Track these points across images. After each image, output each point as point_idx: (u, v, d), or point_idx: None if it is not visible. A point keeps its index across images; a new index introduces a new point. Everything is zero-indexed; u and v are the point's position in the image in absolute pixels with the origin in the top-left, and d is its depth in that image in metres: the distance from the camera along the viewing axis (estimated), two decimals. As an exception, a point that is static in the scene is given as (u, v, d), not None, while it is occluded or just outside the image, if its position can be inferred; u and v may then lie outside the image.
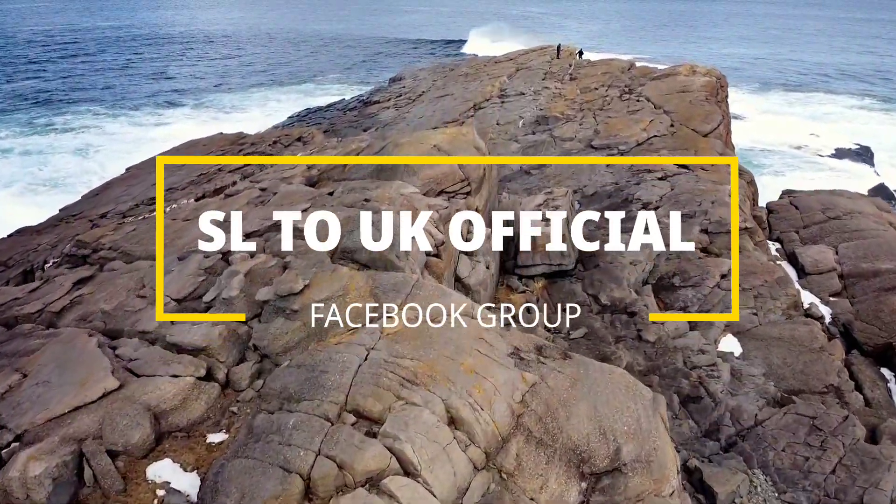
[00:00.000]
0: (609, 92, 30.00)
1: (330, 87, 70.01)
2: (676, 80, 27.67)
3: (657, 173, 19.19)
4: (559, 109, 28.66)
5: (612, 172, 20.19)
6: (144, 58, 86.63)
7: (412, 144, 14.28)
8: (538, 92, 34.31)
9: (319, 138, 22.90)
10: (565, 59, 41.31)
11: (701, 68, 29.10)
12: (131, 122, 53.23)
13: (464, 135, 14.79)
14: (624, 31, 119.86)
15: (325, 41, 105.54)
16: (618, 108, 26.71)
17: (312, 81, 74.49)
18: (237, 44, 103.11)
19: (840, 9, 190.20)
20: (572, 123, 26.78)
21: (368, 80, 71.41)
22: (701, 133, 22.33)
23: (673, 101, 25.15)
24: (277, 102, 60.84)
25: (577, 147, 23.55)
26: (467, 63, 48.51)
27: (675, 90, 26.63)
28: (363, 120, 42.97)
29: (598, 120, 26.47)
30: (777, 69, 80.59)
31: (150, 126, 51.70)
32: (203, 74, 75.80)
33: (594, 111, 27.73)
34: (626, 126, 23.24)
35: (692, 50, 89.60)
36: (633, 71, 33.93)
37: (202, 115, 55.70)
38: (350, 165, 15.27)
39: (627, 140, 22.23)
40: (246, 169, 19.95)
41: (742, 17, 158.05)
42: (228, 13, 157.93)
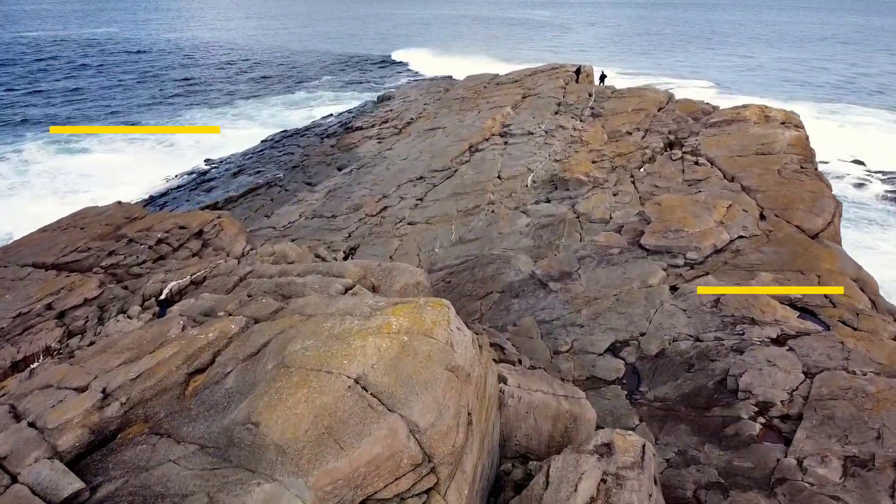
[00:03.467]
0: (649, 141, 21.76)
1: (321, 96, 61.87)
2: (748, 134, 19.39)
3: (768, 326, 11.06)
4: (582, 167, 20.46)
5: (687, 311, 12.05)
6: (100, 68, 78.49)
7: (310, 369, 6.21)
8: (551, 132, 26.14)
9: (231, 232, 14.77)
10: (583, 85, 33.04)
11: (776, 112, 20.83)
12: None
13: (427, 331, 6.71)
14: (630, 40, 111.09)
15: (315, 43, 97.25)
16: (669, 175, 18.49)
17: (300, 89, 66.40)
18: (214, 51, 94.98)
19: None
20: (603, 193, 18.60)
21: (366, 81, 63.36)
22: (809, 232, 14.16)
23: (754, 171, 16.90)
24: (249, 120, 52.59)
25: (615, 242, 15.38)
26: (464, 84, 40.28)
27: (751, 149, 18.38)
28: (340, 154, 34.89)
29: (640, 190, 18.28)
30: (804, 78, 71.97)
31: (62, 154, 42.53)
32: (168, 89, 67.57)
33: (633, 174, 19.55)
34: (690, 212, 15.08)
35: (707, 60, 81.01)
36: (674, 107, 25.67)
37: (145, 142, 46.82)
38: (192, 393, 7.17)
39: (698, 241, 14.05)
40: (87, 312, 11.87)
41: (749, 25, 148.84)
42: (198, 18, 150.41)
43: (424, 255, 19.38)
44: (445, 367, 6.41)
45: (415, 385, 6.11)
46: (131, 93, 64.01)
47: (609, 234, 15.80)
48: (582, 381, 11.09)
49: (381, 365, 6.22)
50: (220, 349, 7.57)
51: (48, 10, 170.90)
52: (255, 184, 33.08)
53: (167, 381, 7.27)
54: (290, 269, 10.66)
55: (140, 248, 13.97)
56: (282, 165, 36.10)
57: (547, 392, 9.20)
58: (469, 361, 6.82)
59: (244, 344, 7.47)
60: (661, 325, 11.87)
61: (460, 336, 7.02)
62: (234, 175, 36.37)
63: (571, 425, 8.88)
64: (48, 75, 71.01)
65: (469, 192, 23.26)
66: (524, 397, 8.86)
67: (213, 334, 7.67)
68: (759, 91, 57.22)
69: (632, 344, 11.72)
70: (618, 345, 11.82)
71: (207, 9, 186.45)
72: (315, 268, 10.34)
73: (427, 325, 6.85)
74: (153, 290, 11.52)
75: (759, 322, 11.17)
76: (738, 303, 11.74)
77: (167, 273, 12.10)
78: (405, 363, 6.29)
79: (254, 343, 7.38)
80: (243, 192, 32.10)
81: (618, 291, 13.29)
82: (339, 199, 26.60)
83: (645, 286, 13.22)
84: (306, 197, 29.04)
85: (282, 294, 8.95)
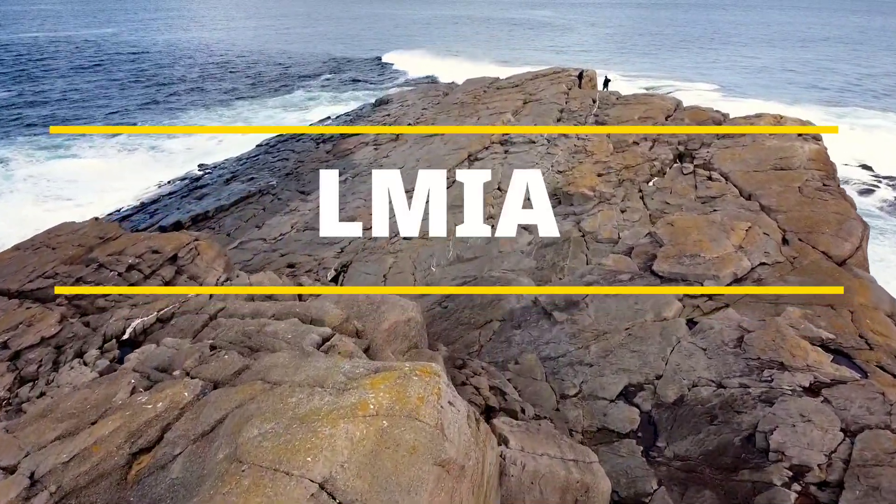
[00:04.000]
0: (658, 152, 20.54)
1: (318, 96, 60.76)
2: (764, 147, 18.15)
3: (799, 372, 9.85)
4: (587, 181, 19.26)
5: (707, 350, 10.85)
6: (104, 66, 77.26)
7: (266, 467, 5.01)
8: (553, 141, 24.93)
9: (208, 257, 13.58)
10: (587, 90, 31.83)
11: (793, 123, 19.59)
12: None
13: (412, 412, 5.49)
14: (632, 41, 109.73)
15: (315, 39, 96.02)
16: (680, 190, 17.28)
17: (298, 88, 65.30)
18: (213, 52, 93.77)
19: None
20: (610, 210, 17.39)
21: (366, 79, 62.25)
22: (836, 259, 12.95)
23: (773, 189, 15.66)
24: (244, 122, 51.41)
25: (625, 266, 14.17)
26: (463, 88, 39.06)
27: (768, 164, 17.15)
28: (335, 161, 33.73)
29: (650, 207, 17.07)
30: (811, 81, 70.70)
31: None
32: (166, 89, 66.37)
33: (642, 188, 18.36)
34: (706, 234, 13.85)
35: (710, 62, 79.66)
36: (682, 115, 24.46)
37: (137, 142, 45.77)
38: (134, 479, 5.98)
39: (717, 269, 12.82)
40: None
41: (751, 26, 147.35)
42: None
43: (420, 274, 18.19)
44: (434, 461, 5.23)
45: (395, 489, 4.92)
46: (131, 93, 63.03)
47: (618, 256, 14.59)
48: (592, 434, 9.90)
49: (354, 463, 5.03)
50: (171, 422, 6.38)
51: (47, 10, 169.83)
52: (248, 192, 31.92)
53: (105, 464, 6.08)
54: (264, 308, 9.47)
55: (109, 276, 12.78)
56: (275, 172, 34.95)
57: (554, 456, 8.01)
58: (463, 449, 5.62)
59: (197, 418, 6.27)
60: (679, 367, 10.67)
61: (453, 414, 5.83)
62: (226, 182, 35.21)
63: (583, 498, 7.70)
64: (47, 76, 69.88)
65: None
66: (528, 465, 7.67)
67: (163, 404, 6.47)
68: (765, 94, 55.97)
69: (647, 388, 10.52)
70: (631, 389, 10.63)
71: (207, 9, 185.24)
72: (292, 308, 9.15)
73: (412, 403, 5.66)
74: (115, 330, 10.34)
75: (788, 367, 9.97)
76: (764, 343, 10.54)
77: (132, 308, 10.90)
78: (384, 459, 5.10)
79: (208, 418, 6.18)
80: (235, 201, 30.94)
81: (630, 325, 12.09)
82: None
83: (659, 319, 12.02)
84: (299, 206, 27.87)
85: (249, 346, 7.76)
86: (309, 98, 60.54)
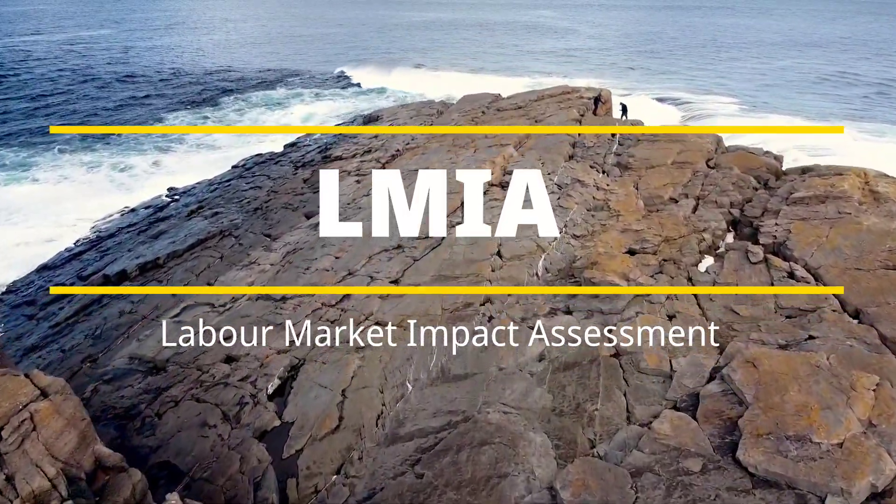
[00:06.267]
0: (705, 217, 15.42)
1: (315, 104, 55.83)
2: (859, 225, 12.96)
3: None
4: (617, 263, 14.14)
5: None
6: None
7: None
8: (565, 189, 19.83)
9: (53, 429, 8.55)
10: (603, 117, 26.68)
11: (888, 185, 14.46)
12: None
13: None
14: (639, 47, 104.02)
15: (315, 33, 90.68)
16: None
17: (283, 88, 60.71)
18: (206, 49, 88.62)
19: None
20: (653, 315, 12.29)
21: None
22: None
23: (892, 304, 10.60)
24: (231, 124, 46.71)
25: (689, 439, 9.10)
26: (459, 108, 33.95)
27: (874, 256, 12.00)
28: (311, 195, 28.68)
29: (710, 316, 11.97)
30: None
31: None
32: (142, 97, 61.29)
33: (691, 274, 13.27)
34: (810, 392, 8.81)
35: (723, 70, 74.02)
36: (726, 159, 19.32)
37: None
38: None
39: (844, 473, 7.81)
40: None
41: (756, 30, 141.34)
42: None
43: (390, 393, 13.17)
44: None
45: None
46: (131, 93, 58.47)
47: (677, 417, 9.54)
48: None
49: None
50: None
51: (44, 10, 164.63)
52: (208, 232, 26.87)
53: None
54: None
55: None
56: (244, 205, 29.97)
57: None
58: None
59: None
60: None
61: None
62: (188, 216, 30.24)
63: None
64: (44, 77, 65.14)
65: (459, 276, 17.05)
66: None
67: None
68: (789, 108, 50.62)
69: None
70: None
71: (207, 9, 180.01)
72: None
73: None
74: None
75: None
76: None
77: None
78: None
79: None
80: (191, 244, 25.91)
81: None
82: (294, 270, 20.32)
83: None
84: (260, 258, 22.81)
85: None
86: (292, 95, 56.56)
